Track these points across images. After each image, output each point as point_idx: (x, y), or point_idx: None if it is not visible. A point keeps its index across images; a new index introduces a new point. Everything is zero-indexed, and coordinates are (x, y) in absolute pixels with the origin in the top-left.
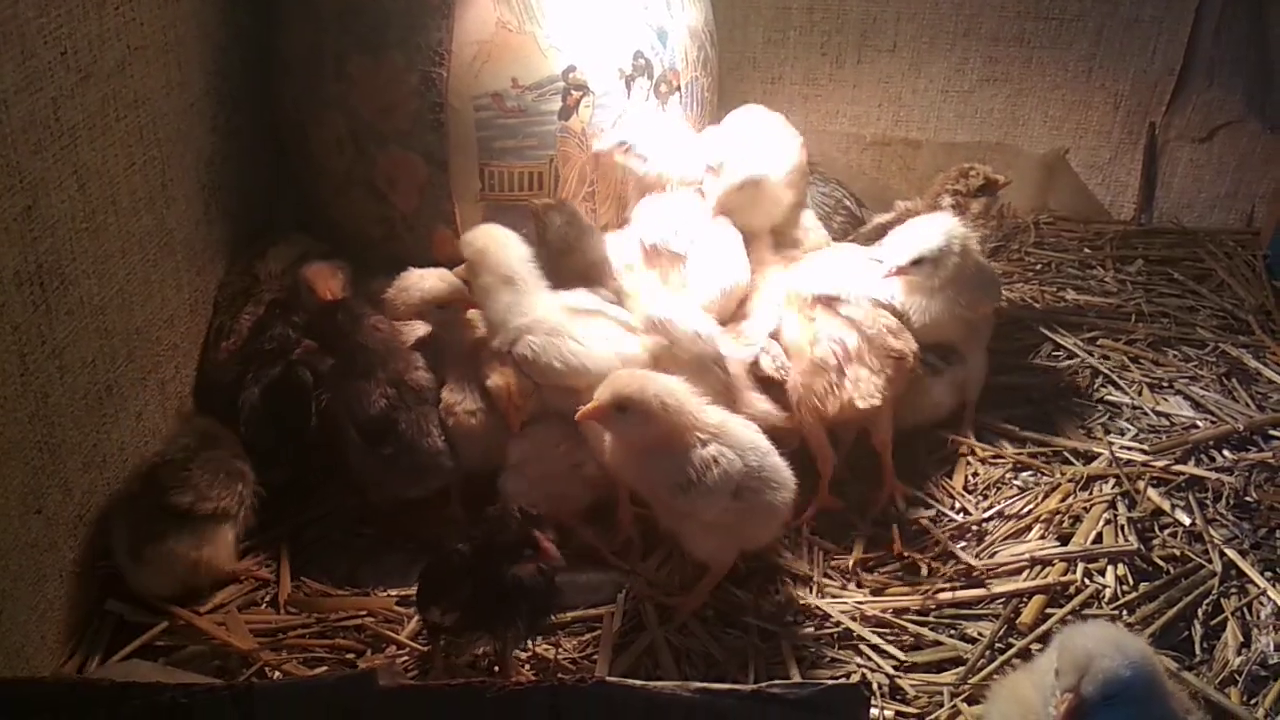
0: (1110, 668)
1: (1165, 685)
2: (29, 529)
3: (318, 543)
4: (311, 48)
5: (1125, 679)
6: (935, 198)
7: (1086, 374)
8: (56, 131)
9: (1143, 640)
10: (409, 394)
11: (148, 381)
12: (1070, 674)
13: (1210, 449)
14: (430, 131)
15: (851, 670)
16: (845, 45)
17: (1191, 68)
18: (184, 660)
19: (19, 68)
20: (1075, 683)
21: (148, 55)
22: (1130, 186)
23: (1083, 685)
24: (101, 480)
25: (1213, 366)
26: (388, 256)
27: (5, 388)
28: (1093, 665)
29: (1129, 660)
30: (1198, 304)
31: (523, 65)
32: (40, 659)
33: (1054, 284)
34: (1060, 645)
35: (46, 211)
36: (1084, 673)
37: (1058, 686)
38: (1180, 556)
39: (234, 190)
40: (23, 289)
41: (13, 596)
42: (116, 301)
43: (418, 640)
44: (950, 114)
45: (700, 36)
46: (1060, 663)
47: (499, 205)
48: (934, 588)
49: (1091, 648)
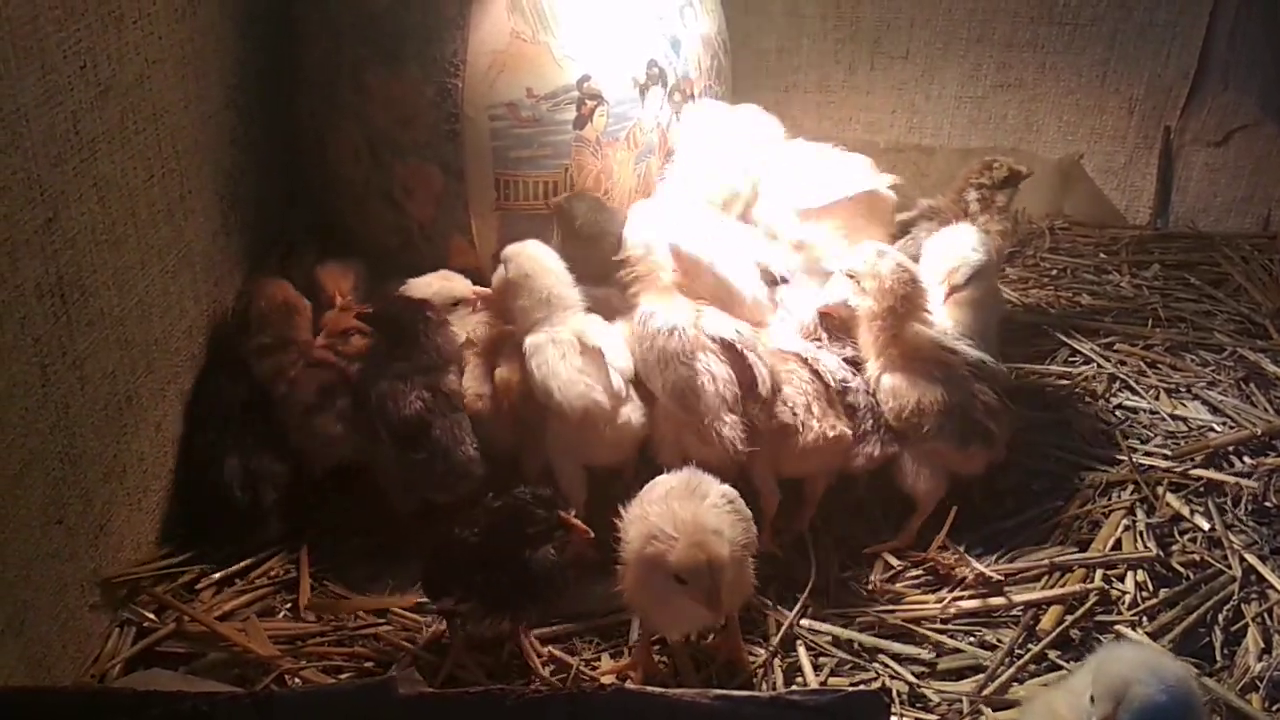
0: (1147, 695)
1: (1203, 711)
2: (50, 539)
3: (336, 549)
4: (328, 60)
5: (1162, 706)
6: (960, 193)
7: (1104, 379)
8: (76, 145)
9: (1181, 664)
10: (443, 400)
11: (167, 392)
12: (1107, 700)
13: (1229, 454)
14: (446, 142)
15: (871, 678)
16: (858, 52)
17: (1206, 71)
18: (204, 668)
19: (39, 82)
20: (1111, 710)
21: (166, 69)
22: (1146, 191)
23: (1119, 713)
24: (122, 490)
25: (1230, 371)
26: (404, 266)
27: (27, 399)
28: (1129, 692)
29: (1166, 686)
30: (1214, 308)
31: (537, 75)
32: (61, 668)
33: (1070, 289)
34: (1096, 669)
35: (67, 224)
36: (1120, 699)
37: (1094, 713)
38: (1200, 562)
39: (252, 201)
40: (44, 301)
41: (34, 606)
42: (136, 313)
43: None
44: (964, 120)
45: (714, 45)
46: (1096, 688)
47: (515, 214)
48: (952, 595)
49: (1128, 674)
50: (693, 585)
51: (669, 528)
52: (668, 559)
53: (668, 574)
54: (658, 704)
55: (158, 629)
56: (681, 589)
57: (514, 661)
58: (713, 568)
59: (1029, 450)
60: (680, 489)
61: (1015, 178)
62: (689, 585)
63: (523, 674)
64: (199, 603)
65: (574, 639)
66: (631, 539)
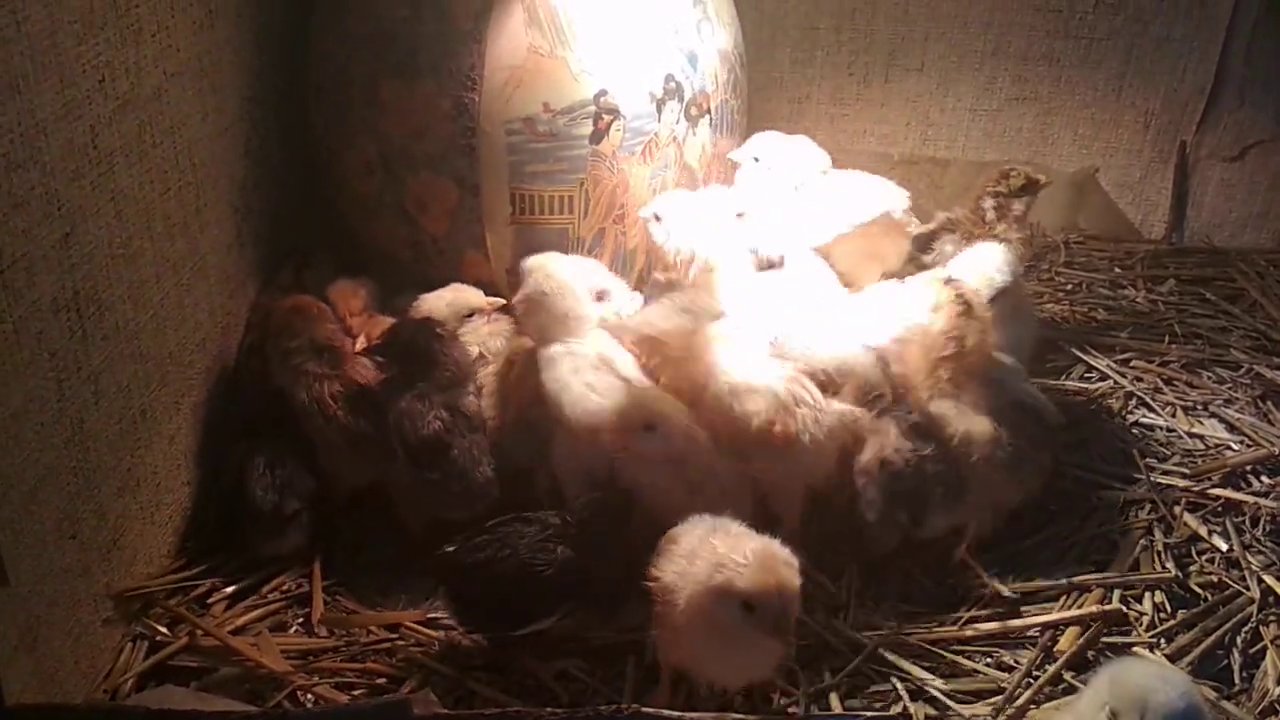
0: (1168, 701)
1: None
2: (64, 554)
3: (349, 564)
4: (344, 73)
5: (1183, 710)
6: (978, 201)
7: (1120, 396)
8: (94, 159)
9: (1180, 670)
10: (462, 420)
11: (181, 405)
12: (1131, 714)
13: (1246, 473)
14: (461, 156)
15: (890, 699)
16: (873, 65)
17: (1222, 87)
18: (216, 684)
19: (58, 95)
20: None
21: (183, 82)
22: (1161, 206)
23: None
24: (135, 504)
25: (1247, 389)
26: (418, 279)
27: (42, 413)
28: (1150, 700)
29: (1180, 692)
30: (1231, 325)
31: (554, 90)
32: (73, 684)
33: (1085, 304)
34: (1112, 684)
35: (84, 238)
36: (1144, 709)
37: None
38: (1218, 583)
39: (266, 214)
40: (60, 315)
41: (47, 621)
42: (151, 326)
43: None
44: (978, 133)
45: (730, 59)
46: (1118, 703)
47: (530, 229)
48: (970, 616)
49: (1144, 683)
50: (761, 613)
51: (738, 555)
52: (737, 585)
53: (734, 604)
54: None
55: (170, 643)
56: (748, 619)
57: (528, 681)
58: (784, 594)
59: None
60: (718, 529)
61: (1032, 186)
62: (757, 613)
63: (537, 694)
64: (211, 617)
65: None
66: (688, 578)
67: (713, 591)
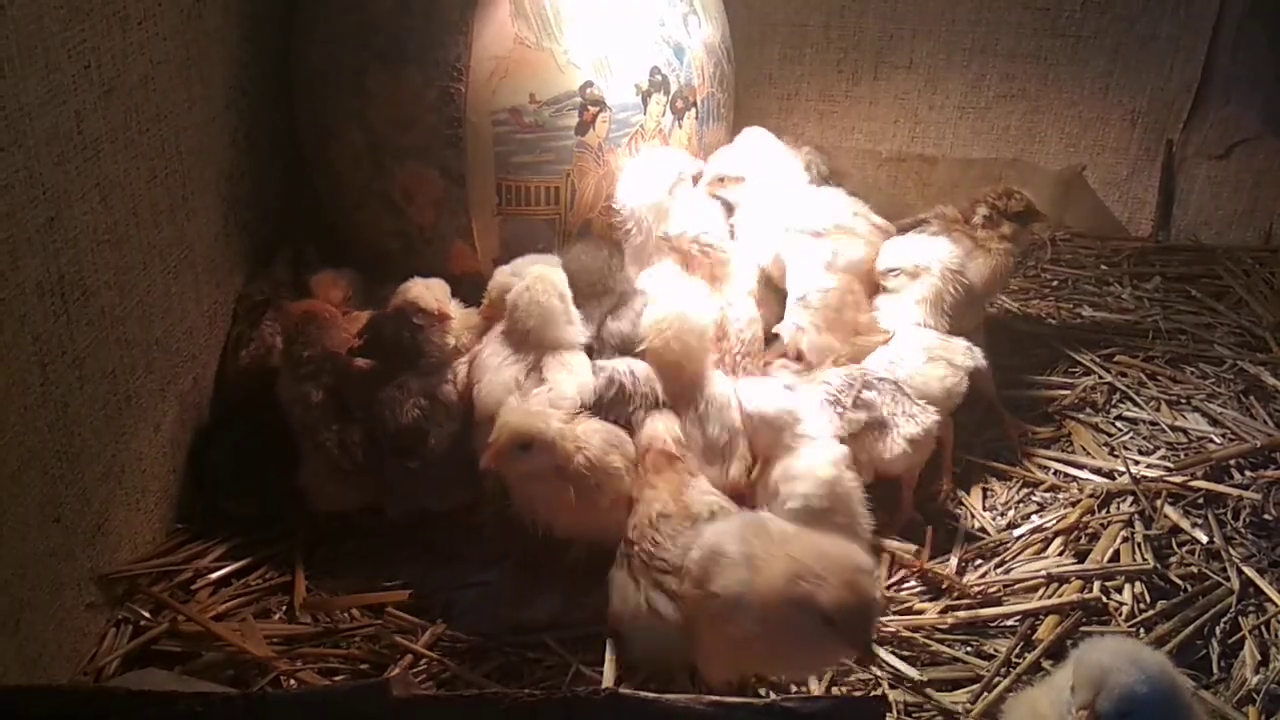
0: (1126, 683)
1: (1186, 700)
2: (47, 537)
3: (331, 553)
4: (331, 63)
5: (1141, 695)
6: (973, 204)
7: (1104, 390)
8: (80, 144)
9: (1162, 655)
10: (440, 409)
11: (166, 393)
12: (1086, 690)
13: (1228, 467)
14: (448, 146)
15: (870, 684)
16: (862, 62)
17: (1209, 85)
18: (199, 669)
19: (43, 81)
20: (1090, 699)
21: (170, 70)
22: (1148, 203)
23: (1098, 702)
24: (120, 490)
25: (1230, 384)
26: (405, 270)
27: (26, 396)
28: (1108, 680)
29: (1146, 676)
30: (1215, 321)
31: (540, 81)
32: (57, 667)
33: (1071, 301)
34: (1076, 660)
35: (69, 223)
36: (1099, 689)
37: (1073, 703)
38: (1198, 575)
39: (253, 204)
40: (44, 299)
41: (31, 604)
42: (137, 313)
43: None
44: (966, 130)
45: (717, 53)
46: (1076, 678)
47: (516, 219)
48: (951, 605)
49: (1107, 663)
50: (843, 627)
51: (816, 565)
52: (820, 600)
53: (815, 616)
54: (652, 709)
55: (154, 628)
56: (829, 632)
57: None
58: (866, 608)
59: (1028, 460)
60: (756, 528)
61: (1029, 215)
62: (839, 627)
63: (515, 676)
64: (195, 603)
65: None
66: (758, 588)
67: (793, 604)
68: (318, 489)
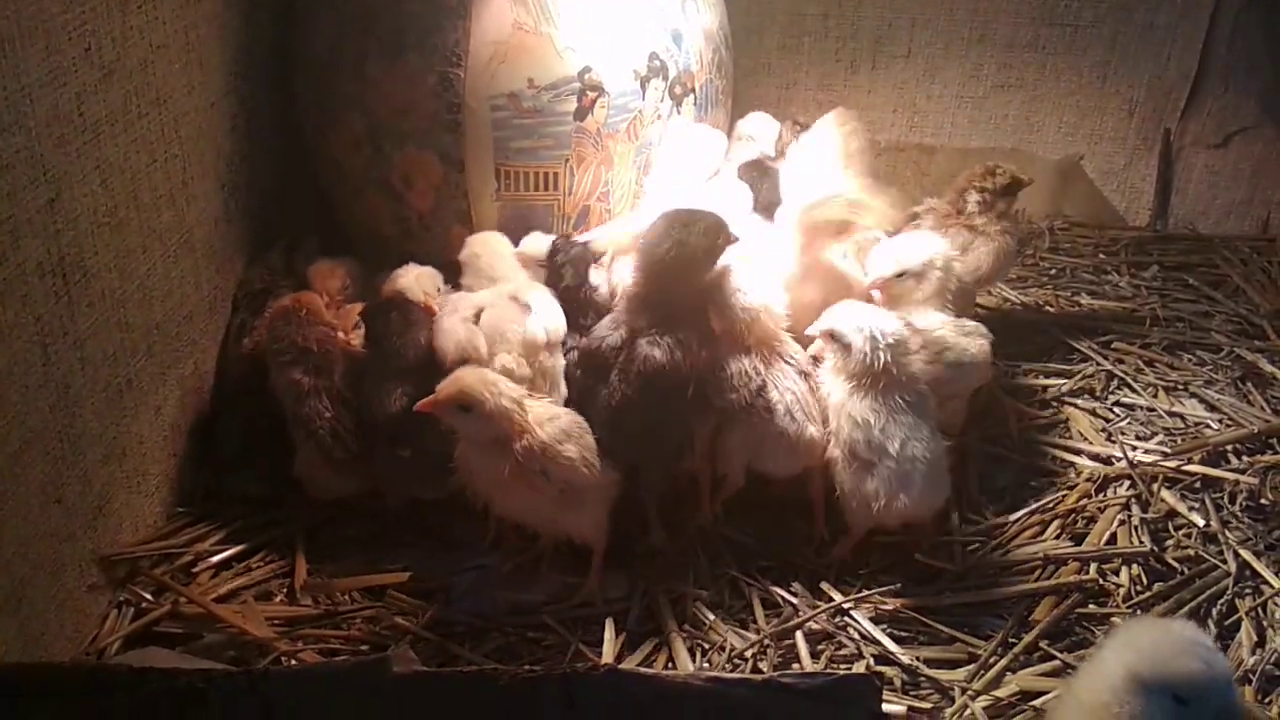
0: (1196, 668)
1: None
2: (48, 518)
3: (332, 538)
4: (331, 48)
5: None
6: (960, 194)
7: (1101, 377)
8: (80, 126)
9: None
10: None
11: (167, 377)
12: (1150, 674)
13: (1225, 452)
14: (447, 131)
15: (866, 664)
16: (860, 51)
17: (1206, 74)
18: (201, 649)
19: (44, 62)
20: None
21: (170, 54)
22: (1145, 192)
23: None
24: (121, 472)
25: (1228, 370)
26: (404, 255)
27: (28, 377)
28: (1173, 666)
29: (1210, 658)
30: (1213, 309)
31: (539, 66)
32: (59, 647)
33: (1069, 289)
34: (1128, 646)
35: (70, 205)
36: (1166, 674)
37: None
38: (1194, 557)
39: (253, 189)
40: (45, 280)
41: (32, 584)
42: (137, 296)
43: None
44: (964, 120)
45: (715, 39)
46: (1136, 665)
47: (515, 204)
48: (948, 585)
49: (1170, 647)
50: None
51: None
52: None
53: None
54: (651, 685)
55: (155, 610)
56: None
57: (508, 642)
58: None
59: (1026, 446)
60: None
61: (1016, 185)
62: None
63: (515, 655)
64: (196, 585)
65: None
66: None
67: None
68: (311, 477)
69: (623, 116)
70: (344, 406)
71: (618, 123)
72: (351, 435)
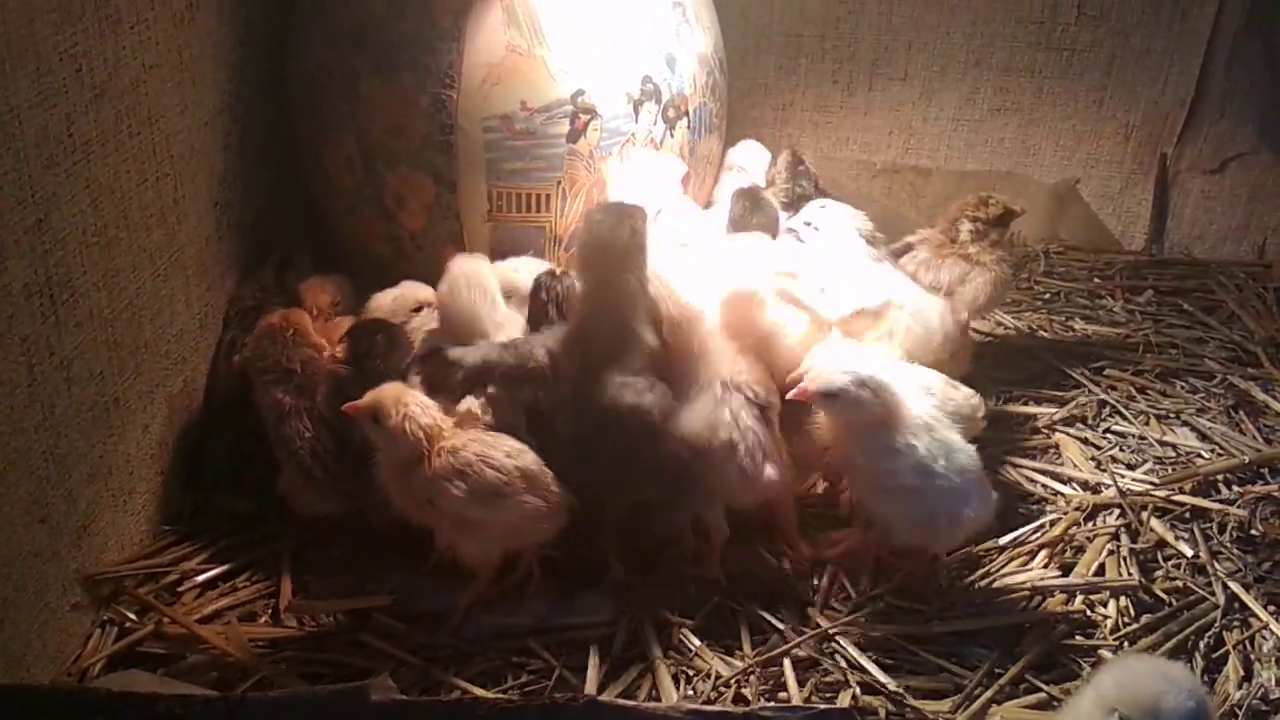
0: (1181, 704)
1: None
2: (33, 537)
3: (317, 559)
4: (324, 68)
5: (1194, 710)
6: (953, 223)
7: (1093, 404)
8: (69, 147)
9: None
10: None
11: (155, 395)
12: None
13: (1216, 481)
14: (439, 152)
15: (852, 693)
16: (857, 73)
17: (1203, 99)
18: (183, 671)
19: (34, 83)
20: None
21: (162, 74)
22: (1141, 217)
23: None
24: (106, 491)
25: (1220, 399)
26: (396, 275)
27: (13, 397)
28: (1162, 704)
29: (1195, 696)
30: (1207, 335)
31: (532, 88)
32: (41, 668)
33: (1063, 313)
34: (1115, 683)
35: (58, 225)
36: (1156, 713)
37: None
38: (1183, 589)
39: (245, 207)
40: (32, 300)
41: (15, 605)
42: (126, 315)
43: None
44: (961, 143)
45: (709, 63)
46: (1126, 707)
47: (507, 226)
48: (934, 615)
49: (1154, 687)
50: None
51: None
52: None
53: None
54: (630, 716)
55: (139, 630)
56: None
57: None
58: None
59: (1015, 472)
60: None
61: (1009, 216)
62: None
63: (498, 680)
64: (181, 605)
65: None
66: None
67: None
68: (294, 496)
69: (615, 139)
70: (325, 427)
71: (610, 145)
72: (332, 456)
